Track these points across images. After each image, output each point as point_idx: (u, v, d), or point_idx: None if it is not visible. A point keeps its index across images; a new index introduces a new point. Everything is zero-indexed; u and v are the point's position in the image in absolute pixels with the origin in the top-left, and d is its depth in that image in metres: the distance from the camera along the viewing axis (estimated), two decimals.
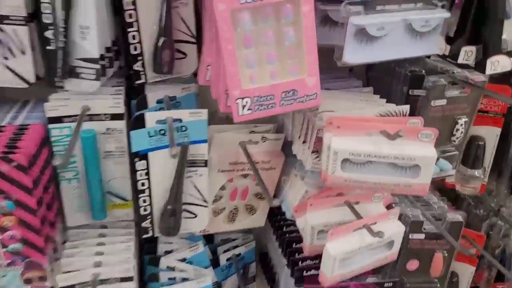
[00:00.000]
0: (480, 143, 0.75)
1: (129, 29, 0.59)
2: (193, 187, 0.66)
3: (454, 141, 0.69)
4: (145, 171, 0.63)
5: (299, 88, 0.52)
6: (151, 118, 0.60)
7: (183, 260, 0.77)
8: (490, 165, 0.78)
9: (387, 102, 0.64)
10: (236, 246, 0.84)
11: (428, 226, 0.72)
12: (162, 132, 0.60)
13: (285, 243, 0.75)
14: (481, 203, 0.90)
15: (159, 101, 0.65)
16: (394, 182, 0.57)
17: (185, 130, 0.61)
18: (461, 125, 0.68)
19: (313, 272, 0.71)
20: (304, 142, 0.66)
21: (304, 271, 0.71)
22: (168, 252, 0.80)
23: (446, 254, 0.74)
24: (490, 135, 0.75)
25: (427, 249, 0.73)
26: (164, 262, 0.75)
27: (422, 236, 0.72)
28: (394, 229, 0.64)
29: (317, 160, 0.64)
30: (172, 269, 0.76)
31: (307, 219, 0.66)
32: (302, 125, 0.66)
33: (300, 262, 0.73)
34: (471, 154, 0.75)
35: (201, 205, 0.68)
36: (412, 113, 0.62)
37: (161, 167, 0.63)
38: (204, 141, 0.62)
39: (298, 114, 0.67)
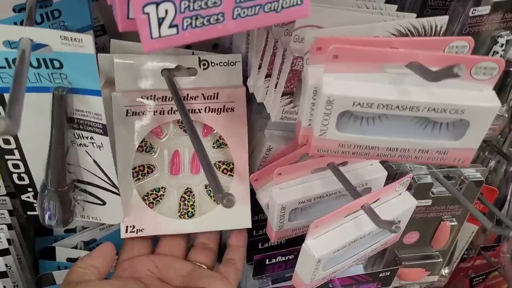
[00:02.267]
0: (510, 69, 0.53)
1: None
2: (93, 162, 0.40)
3: None
4: None
5: None
6: None
7: (91, 242, 0.54)
8: None
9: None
10: None
11: (437, 189, 0.52)
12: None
13: None
14: (484, 142, 0.71)
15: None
16: (421, 146, 0.35)
17: (59, 67, 0.34)
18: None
19: (280, 259, 0.51)
20: (267, 76, 0.41)
21: (267, 260, 0.50)
22: (70, 231, 0.56)
23: (455, 222, 0.55)
24: None
25: (432, 217, 0.54)
26: (61, 253, 0.52)
27: (428, 202, 0.52)
28: (403, 206, 0.43)
29: (290, 107, 0.40)
30: (74, 261, 0.52)
31: (273, 196, 0.43)
32: (264, 47, 0.41)
33: (260, 244, 0.52)
34: (496, 85, 0.53)
35: (109, 190, 0.43)
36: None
37: (32, 121, 0.37)
38: (96, 92, 0.36)
39: (259, 30, 0.42)
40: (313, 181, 0.45)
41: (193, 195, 0.47)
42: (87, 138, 0.39)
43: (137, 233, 0.45)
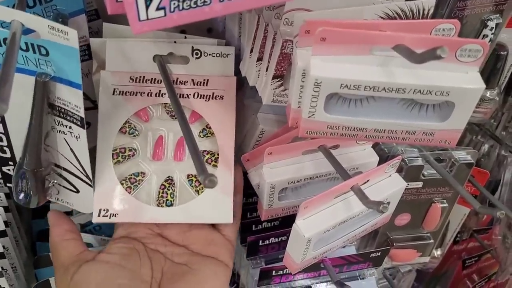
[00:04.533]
0: (501, 52, 0.53)
1: None
2: (70, 151, 0.41)
3: None
4: None
5: None
6: None
7: (87, 225, 0.55)
8: (505, 82, 0.58)
9: None
10: None
11: (428, 171, 0.53)
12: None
13: None
14: (477, 126, 0.72)
15: None
16: (408, 128, 0.35)
17: (46, 55, 0.35)
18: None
19: (273, 241, 0.52)
20: (259, 60, 0.42)
21: (261, 241, 0.51)
22: (67, 214, 0.57)
23: (446, 204, 0.56)
24: None
25: (423, 199, 0.55)
26: None
27: (419, 184, 0.53)
28: (393, 188, 0.44)
29: (281, 90, 0.41)
30: None
31: (264, 175, 0.44)
32: (256, 31, 0.41)
33: (253, 226, 0.53)
34: (487, 68, 0.54)
35: (82, 180, 0.43)
36: None
37: (17, 100, 0.38)
38: (77, 86, 0.36)
39: (250, 13, 0.42)
40: (304, 162, 0.45)
41: (174, 184, 0.45)
42: (66, 126, 0.39)
43: (110, 218, 0.43)
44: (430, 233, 0.59)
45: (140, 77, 0.43)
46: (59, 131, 0.40)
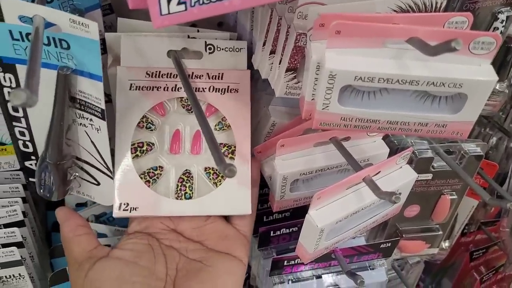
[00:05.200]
0: (511, 45, 0.54)
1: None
2: (91, 143, 0.42)
3: None
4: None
5: None
6: (11, 7, 0.34)
7: (102, 215, 0.56)
8: None
9: None
10: None
11: (438, 163, 0.53)
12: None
13: None
14: (486, 118, 0.72)
15: None
16: (420, 119, 0.36)
17: (67, 48, 0.35)
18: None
19: (284, 231, 0.52)
20: (272, 53, 0.42)
21: (272, 232, 0.52)
22: (81, 205, 0.58)
23: (455, 196, 0.56)
24: None
25: (433, 191, 0.55)
26: None
27: (429, 176, 0.53)
28: (404, 179, 0.45)
29: (294, 83, 0.41)
30: None
31: (276, 166, 0.45)
32: (268, 25, 0.42)
33: (265, 217, 0.54)
34: (497, 60, 0.54)
35: (102, 172, 0.43)
36: None
37: (40, 94, 0.38)
38: (98, 78, 0.37)
39: (263, 7, 0.42)
40: (316, 154, 0.46)
41: (192, 177, 0.45)
42: (87, 119, 0.40)
43: (130, 211, 0.43)
44: (439, 224, 0.59)
45: (156, 72, 0.44)
46: (80, 124, 0.40)
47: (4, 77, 0.38)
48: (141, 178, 0.44)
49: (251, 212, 0.45)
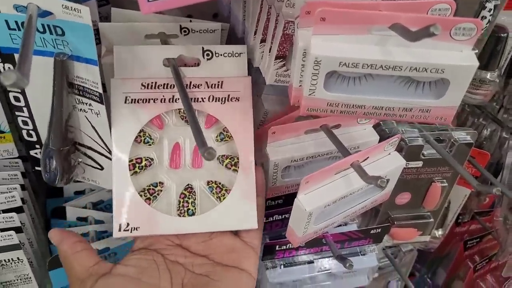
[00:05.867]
0: (501, 34, 0.54)
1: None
2: (91, 128, 0.43)
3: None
4: None
5: None
6: None
7: (99, 203, 0.57)
8: (506, 64, 0.59)
9: None
10: None
11: (428, 151, 0.54)
12: None
13: None
14: (479, 109, 0.73)
15: None
16: (405, 105, 0.37)
17: (62, 34, 0.37)
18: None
19: (276, 218, 0.53)
20: (262, 41, 0.43)
21: (265, 218, 0.53)
22: (79, 193, 0.59)
23: (446, 183, 0.57)
24: None
25: (423, 178, 0.56)
26: (71, 212, 0.55)
27: (419, 164, 0.54)
28: (392, 165, 0.46)
29: (283, 70, 0.42)
30: (84, 220, 0.56)
31: (268, 153, 0.46)
32: (259, 14, 0.43)
33: None
34: (487, 50, 0.55)
35: (105, 156, 0.44)
36: None
37: (39, 82, 0.40)
38: (93, 62, 0.38)
39: None
40: (307, 141, 0.47)
41: (194, 192, 0.43)
42: (86, 104, 0.41)
43: (131, 231, 0.41)
44: (430, 212, 0.60)
45: (152, 83, 0.42)
46: (80, 109, 0.41)
47: (3, 67, 0.40)
48: (141, 195, 0.42)
49: (257, 226, 0.43)
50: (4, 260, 0.49)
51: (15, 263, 0.49)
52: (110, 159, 0.43)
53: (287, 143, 0.47)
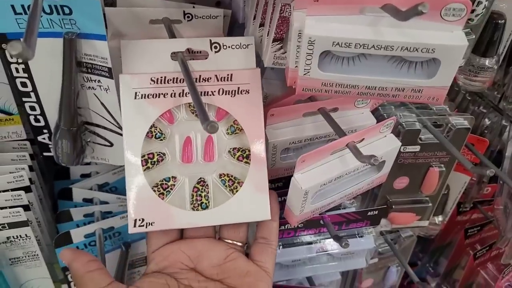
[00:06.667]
0: (499, 21, 0.55)
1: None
2: (100, 105, 0.44)
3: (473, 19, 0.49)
4: (22, 66, 0.42)
5: None
6: None
7: (104, 185, 0.59)
8: (505, 51, 0.60)
9: None
10: None
11: (425, 136, 0.55)
12: None
13: None
14: (480, 97, 0.74)
15: None
16: (397, 85, 0.38)
17: (69, 14, 0.38)
18: None
19: None
20: (261, 25, 0.44)
21: None
22: (85, 176, 0.61)
23: (444, 168, 0.58)
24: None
25: (421, 163, 0.57)
26: (77, 193, 0.57)
27: (417, 148, 0.55)
28: (387, 147, 0.47)
29: (281, 53, 0.43)
30: (89, 201, 0.58)
31: (266, 135, 0.47)
32: None
33: None
34: (485, 37, 0.56)
35: (115, 132, 0.45)
36: None
37: (46, 64, 0.42)
38: (102, 37, 0.39)
39: None
40: (305, 124, 0.48)
41: (207, 185, 0.43)
42: (95, 81, 0.43)
43: (146, 227, 0.41)
44: (428, 197, 0.61)
45: (161, 77, 0.42)
46: (89, 87, 0.43)
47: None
48: (154, 191, 0.42)
49: (270, 217, 0.44)
50: (13, 237, 0.51)
51: (23, 239, 0.51)
52: (120, 134, 0.44)
53: (286, 126, 0.48)
